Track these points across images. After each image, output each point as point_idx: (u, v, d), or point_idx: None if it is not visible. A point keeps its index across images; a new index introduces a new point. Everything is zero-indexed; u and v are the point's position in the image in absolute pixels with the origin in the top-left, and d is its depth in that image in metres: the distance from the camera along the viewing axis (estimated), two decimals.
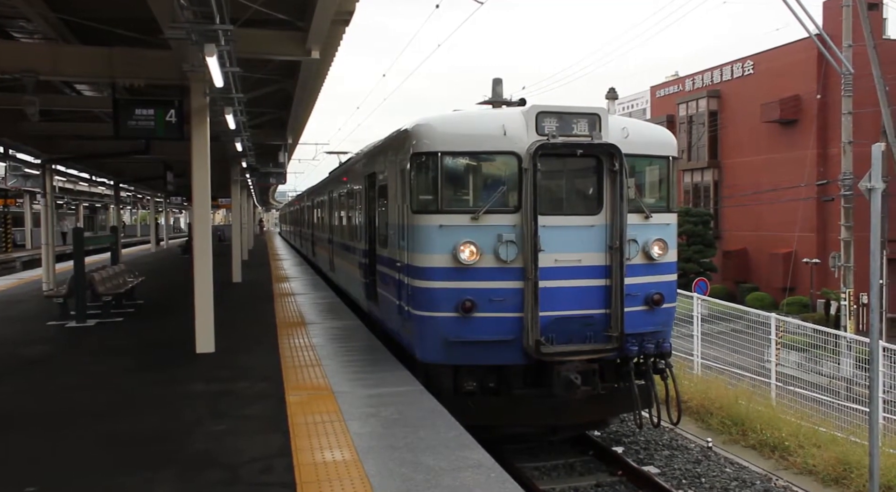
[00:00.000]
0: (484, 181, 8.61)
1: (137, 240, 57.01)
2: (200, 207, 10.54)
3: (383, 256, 10.45)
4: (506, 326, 8.09)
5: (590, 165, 8.50)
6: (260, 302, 16.01)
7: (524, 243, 8.06)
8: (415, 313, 8.46)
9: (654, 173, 9.11)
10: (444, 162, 8.22)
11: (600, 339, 8.29)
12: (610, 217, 8.37)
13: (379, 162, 10.87)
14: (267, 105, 17.19)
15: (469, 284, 8.05)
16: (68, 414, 7.39)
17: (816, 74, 28.59)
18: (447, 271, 8.10)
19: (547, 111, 8.29)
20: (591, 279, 8.32)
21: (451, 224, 8.12)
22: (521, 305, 8.08)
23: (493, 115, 8.79)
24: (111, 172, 28.36)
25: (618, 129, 8.53)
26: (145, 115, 10.51)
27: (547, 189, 8.35)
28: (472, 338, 8.08)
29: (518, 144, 8.17)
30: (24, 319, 13.95)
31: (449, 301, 8.06)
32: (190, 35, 7.70)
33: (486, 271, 8.08)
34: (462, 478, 5.38)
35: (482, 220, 8.11)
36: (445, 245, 8.08)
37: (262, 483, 5.44)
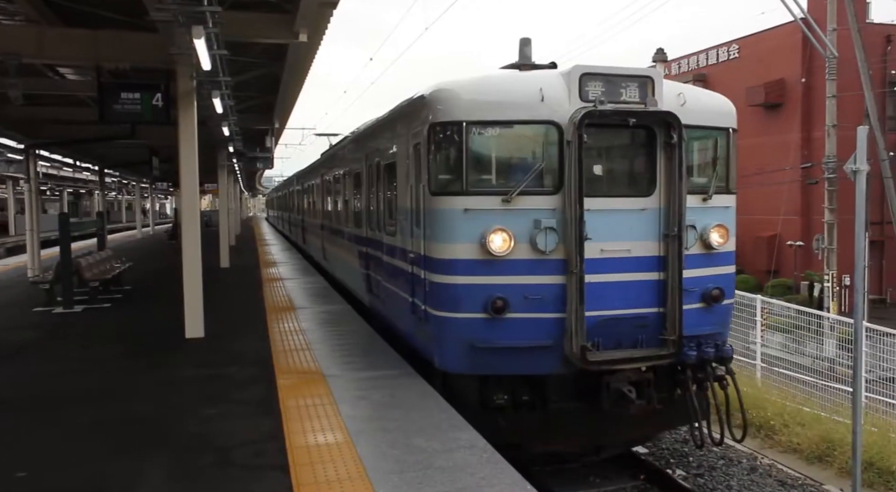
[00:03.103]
0: (517, 157, 7.35)
1: (123, 226, 56.57)
2: (188, 193, 10.48)
3: (391, 245, 9.19)
4: (544, 328, 6.92)
5: (640, 137, 7.32)
6: (248, 287, 15.98)
7: (566, 230, 6.88)
8: (433, 314, 7.28)
9: (713, 148, 7.78)
10: (469, 133, 6.95)
11: (654, 343, 7.15)
12: (665, 199, 7.21)
13: (384, 137, 9.64)
14: (254, 89, 17.07)
15: (500, 280, 6.90)
16: (57, 400, 7.38)
17: (801, 58, 28.70)
18: (473, 264, 6.92)
19: (592, 72, 7.02)
20: (642, 273, 7.18)
21: (478, 208, 6.92)
22: (562, 303, 6.91)
23: (528, 78, 7.36)
24: (96, 158, 28.12)
25: (673, 94, 7.32)
26: (131, 98, 10.42)
27: (590, 166, 7.10)
28: (504, 343, 6.91)
29: (558, 111, 6.93)
30: (10, 306, 13.85)
31: (475, 299, 6.88)
32: (177, 17, 7.63)
33: (521, 264, 6.93)
34: (454, 459, 5.44)
35: (515, 202, 6.90)
36: (471, 233, 6.90)
37: (255, 466, 5.47)
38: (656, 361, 7.09)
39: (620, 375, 6.94)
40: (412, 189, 7.92)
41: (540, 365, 7.02)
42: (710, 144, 7.76)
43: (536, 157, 7.16)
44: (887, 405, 11.67)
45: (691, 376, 7.25)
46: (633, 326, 7.11)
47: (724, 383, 7.42)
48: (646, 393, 7.01)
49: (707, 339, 7.29)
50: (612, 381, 6.92)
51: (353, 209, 12.47)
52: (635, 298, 7.15)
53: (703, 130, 7.61)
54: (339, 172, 14.48)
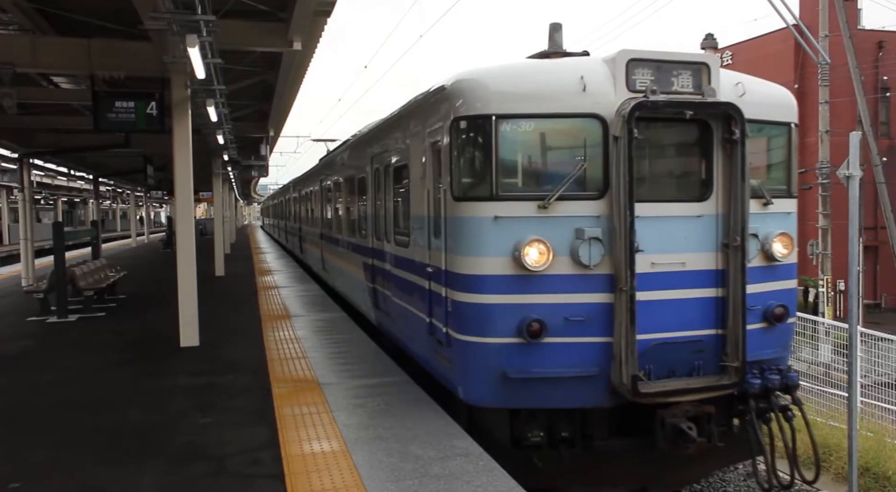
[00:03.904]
0: (555, 155, 6.48)
1: (118, 235, 56.43)
2: (183, 201, 10.48)
3: (403, 257, 8.31)
4: (587, 355, 6.06)
5: (693, 132, 6.45)
6: (243, 295, 15.96)
7: (613, 241, 6.02)
8: (457, 338, 6.38)
9: (773, 145, 6.94)
10: (499, 129, 6.05)
11: (712, 370, 6.27)
12: (722, 204, 6.34)
13: (393, 138, 8.81)
14: (248, 97, 17.11)
15: (536, 299, 6.02)
16: (52, 409, 7.34)
17: (794, 64, 28.87)
18: (506, 280, 6.04)
19: (641, 58, 6.19)
20: (698, 289, 6.30)
21: (510, 215, 6.05)
22: (608, 326, 6.05)
23: (566, 65, 6.50)
24: (90, 166, 28.08)
25: (730, 84, 6.50)
26: (125, 107, 10.40)
27: (637, 166, 6.14)
28: (541, 372, 6.03)
29: (602, 103, 6.10)
30: (4, 315, 13.79)
31: (508, 322, 6.00)
32: (171, 26, 7.65)
33: (560, 280, 6.05)
34: (450, 467, 5.43)
35: (553, 209, 6.03)
36: (503, 244, 6.01)
37: (250, 475, 5.45)
38: (717, 391, 6.19)
39: (677, 408, 6.05)
40: (429, 194, 7.12)
41: (582, 397, 6.14)
42: (769, 141, 6.90)
43: (577, 155, 6.24)
44: (883, 410, 11.69)
45: (754, 407, 6.36)
46: (688, 352, 6.22)
47: (789, 415, 6.50)
48: (706, 429, 6.09)
49: (769, 364, 6.49)
50: (668, 415, 6.02)
51: (357, 217, 11.63)
52: (691, 319, 6.25)
53: (762, 124, 6.70)
54: (340, 178, 13.69)
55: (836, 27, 22.17)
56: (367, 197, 10.56)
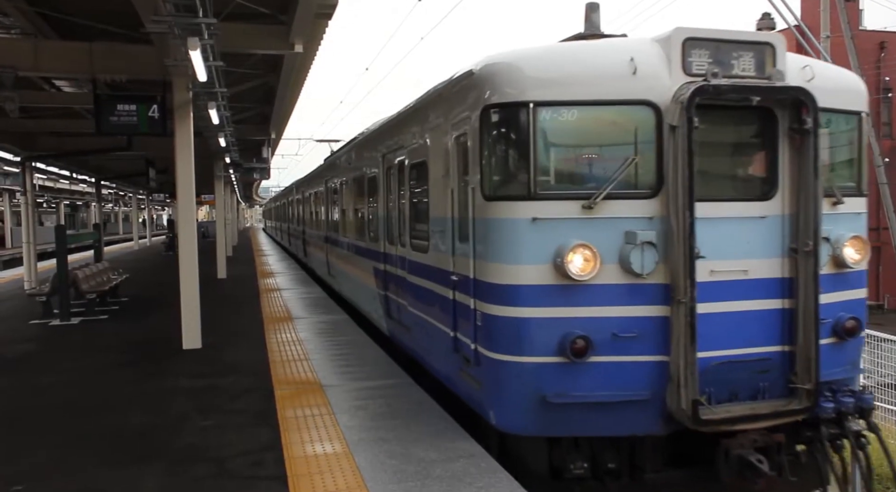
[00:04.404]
0: (601, 148, 5.69)
1: (120, 237, 56.52)
2: (185, 204, 10.49)
3: (421, 263, 7.65)
4: (639, 376, 5.40)
5: (755, 121, 5.76)
6: (245, 297, 15.97)
7: (670, 246, 5.35)
8: (488, 356, 5.73)
9: (842, 137, 6.19)
10: (538, 118, 5.40)
11: (779, 392, 5.58)
12: (789, 203, 5.66)
13: (409, 133, 8.16)
14: (250, 100, 17.13)
15: (581, 312, 5.39)
16: (54, 412, 7.35)
17: None
18: (545, 291, 5.40)
19: (699, 37, 5.50)
20: (763, 300, 5.61)
21: (550, 216, 5.40)
22: (662, 343, 5.39)
23: (614, 46, 5.77)
24: (92, 169, 28.13)
25: (796, 67, 5.76)
26: (127, 110, 10.43)
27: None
28: (585, 396, 5.39)
29: (656, 88, 5.42)
30: (6, 318, 13.81)
31: (548, 338, 5.37)
32: (172, 29, 7.67)
33: (609, 291, 5.41)
34: (453, 468, 5.42)
35: (600, 209, 5.38)
36: (542, 250, 5.39)
37: (252, 477, 5.44)
38: (788, 417, 5.50)
39: (743, 437, 5.40)
40: (453, 194, 6.52)
41: (632, 424, 5.48)
42: (838, 133, 6.13)
43: (627, 148, 5.55)
44: (886, 411, 11.66)
45: (826, 434, 5.73)
46: (752, 372, 5.54)
47: (862, 441, 5.82)
48: (776, 461, 5.43)
49: (840, 384, 5.83)
50: (734, 446, 5.36)
51: (366, 220, 11.04)
52: (755, 334, 5.56)
53: (831, 113, 5.92)
54: (347, 178, 13.03)
55: (837, 28, 22.11)
56: (377, 198, 9.96)
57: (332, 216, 15.51)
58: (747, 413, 5.38)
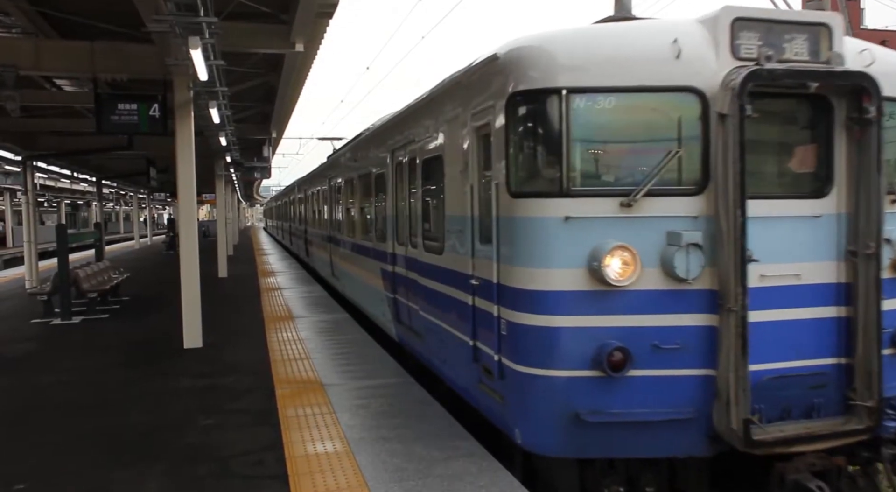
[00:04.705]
0: (641, 139, 5.23)
1: (121, 237, 56.58)
2: (186, 203, 10.50)
3: (435, 266, 7.22)
4: (682, 392, 4.96)
5: (807, 111, 5.27)
6: (246, 297, 15.98)
7: (718, 248, 4.88)
8: (514, 369, 5.27)
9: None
10: (572, 106, 4.95)
11: (833, 409, 5.09)
12: (848, 201, 5.17)
13: (422, 126, 7.73)
14: (250, 99, 17.15)
15: (619, 321, 4.96)
16: (56, 411, 7.36)
17: None
18: (580, 298, 4.97)
19: (749, 17, 5.02)
20: (816, 307, 5.14)
21: (585, 215, 4.97)
22: (709, 355, 4.93)
23: (653, 27, 5.36)
24: (93, 169, 28.16)
25: (854, 52, 5.25)
26: (128, 110, 10.44)
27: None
28: (623, 414, 4.95)
29: (702, 73, 4.96)
30: (8, 317, 13.82)
31: (583, 350, 4.94)
32: (173, 28, 7.68)
33: (650, 297, 4.97)
34: (454, 467, 5.43)
35: (640, 207, 4.94)
36: (576, 252, 4.95)
37: (254, 476, 5.45)
38: (849, 438, 4.98)
39: (800, 461, 4.90)
40: (473, 190, 6.07)
41: (674, 445, 5.02)
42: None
43: (669, 139, 5.08)
44: None
45: (888, 456, 5.21)
46: (806, 387, 5.05)
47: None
48: (836, 486, 4.99)
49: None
50: (790, 471, 4.87)
51: (374, 218, 10.62)
52: (808, 346, 5.08)
53: (892, 102, 5.32)
54: (353, 175, 12.58)
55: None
56: (385, 196, 9.56)
57: (336, 215, 15.11)
58: (803, 433, 4.87)
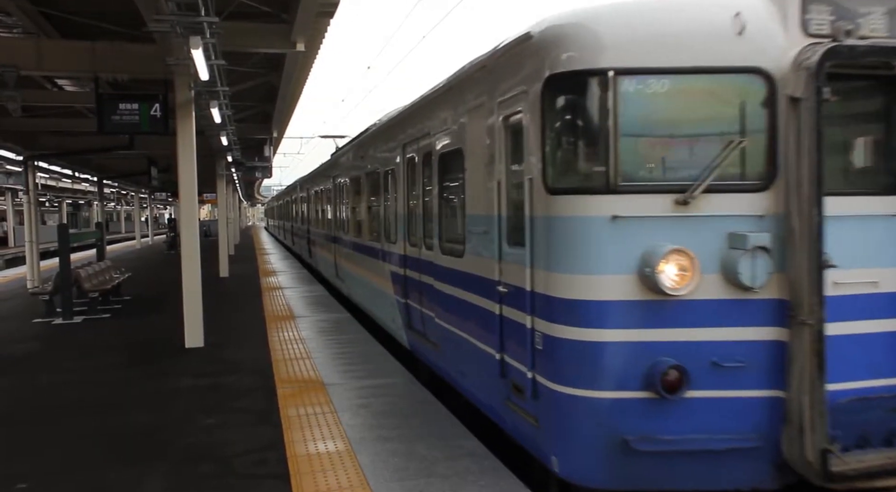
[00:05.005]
0: (699, 127, 4.62)
1: (122, 236, 56.65)
2: (187, 203, 10.50)
3: (453, 269, 6.73)
4: (746, 416, 4.40)
5: (880, 96, 4.68)
6: (248, 296, 15.99)
7: (789, 251, 4.31)
8: (552, 389, 4.70)
9: None
10: (620, 90, 4.41)
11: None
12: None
13: (438, 118, 7.19)
14: (252, 98, 17.17)
15: (674, 335, 4.41)
16: (57, 411, 7.36)
17: None
18: (630, 308, 4.42)
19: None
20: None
21: (636, 214, 4.41)
22: (776, 373, 4.37)
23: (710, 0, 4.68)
24: (94, 168, 28.18)
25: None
26: (129, 109, 10.44)
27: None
28: (679, 442, 4.40)
29: (769, 51, 4.37)
30: (9, 317, 13.84)
31: (633, 368, 4.40)
32: (175, 27, 7.68)
33: (709, 308, 4.41)
34: (456, 467, 5.42)
35: (698, 205, 4.38)
36: (625, 256, 4.41)
37: (255, 475, 5.45)
38: None
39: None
40: (500, 186, 5.53)
41: (736, 476, 4.46)
42: None
43: (731, 127, 4.50)
44: None
45: None
46: (886, 410, 4.42)
47: None
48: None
49: None
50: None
51: (383, 218, 10.07)
52: (888, 362, 4.47)
53: None
54: (359, 173, 12.12)
55: None
56: (396, 193, 9.04)
57: (342, 215, 14.58)
58: (887, 464, 4.25)
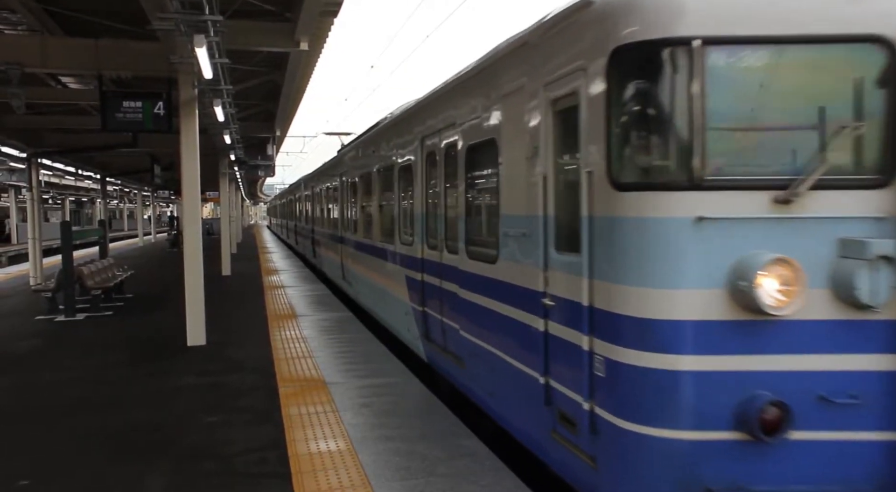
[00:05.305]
0: (803, 108, 3.82)
1: (125, 234, 56.71)
2: (190, 200, 10.51)
3: (484, 276, 5.99)
4: (862, 462, 3.68)
5: None
6: (250, 295, 16.00)
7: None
8: (617, 425, 3.91)
9: None
10: (708, 63, 3.66)
11: None
12: None
13: (465, 106, 6.45)
14: (255, 97, 17.18)
15: (773, 363, 3.68)
16: (60, 408, 7.37)
17: None
18: (718, 331, 3.67)
19: None
20: None
21: (726, 215, 3.67)
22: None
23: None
24: (97, 166, 28.21)
25: None
26: (133, 107, 10.46)
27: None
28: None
29: (891, 17, 3.66)
30: (12, 314, 13.86)
31: (721, 403, 3.66)
32: (178, 26, 7.68)
33: (817, 331, 3.68)
34: (457, 466, 5.42)
35: (801, 204, 3.66)
36: (713, 266, 3.67)
37: (256, 474, 5.46)
38: None
39: None
40: (546, 182, 4.75)
41: None
42: None
43: (843, 109, 3.72)
44: None
45: None
46: None
47: None
48: None
49: None
50: None
51: (397, 217, 9.43)
52: None
53: None
54: (370, 169, 11.39)
55: None
56: (412, 191, 8.42)
57: (350, 214, 13.83)
58: None
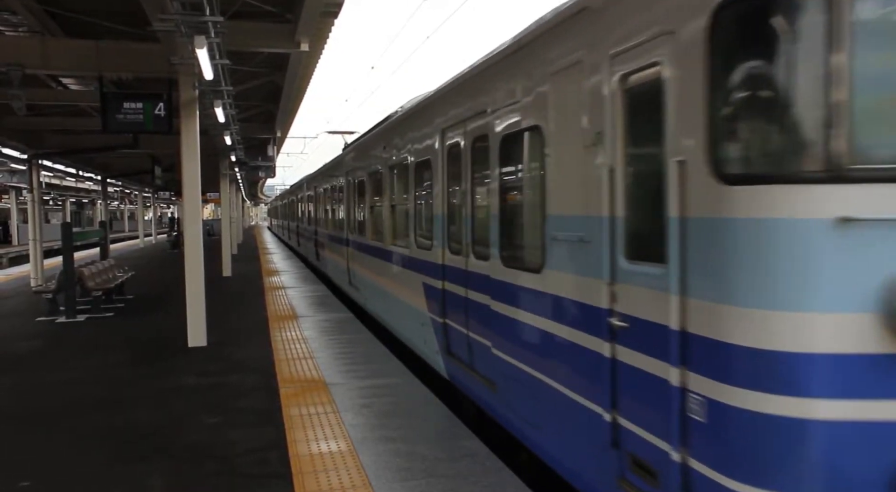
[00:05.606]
0: None
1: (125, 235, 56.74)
2: (190, 202, 10.51)
3: (526, 287, 5.21)
4: None
5: None
6: (250, 296, 16.01)
7: None
8: (724, 486, 3.11)
9: None
10: (849, 17, 2.81)
11: None
12: None
13: (500, 89, 5.64)
14: (255, 98, 17.19)
15: None
16: (60, 409, 7.37)
17: None
18: (865, 368, 2.85)
19: None
20: None
21: (878, 216, 2.83)
22: None
23: None
24: (98, 167, 28.22)
25: None
26: (134, 108, 10.46)
27: None
28: None
29: None
30: (13, 315, 13.86)
31: (868, 462, 2.85)
32: (179, 27, 7.69)
33: None
34: (457, 467, 5.42)
35: None
36: (858, 283, 2.84)
37: (257, 475, 5.45)
38: None
39: None
40: (613, 176, 3.98)
41: None
42: None
43: None
44: None
45: None
46: None
47: None
48: None
49: None
50: None
51: (413, 219, 8.76)
52: None
53: None
54: (381, 166, 10.69)
55: None
56: (432, 189, 7.78)
57: (357, 215, 13.09)
58: None
